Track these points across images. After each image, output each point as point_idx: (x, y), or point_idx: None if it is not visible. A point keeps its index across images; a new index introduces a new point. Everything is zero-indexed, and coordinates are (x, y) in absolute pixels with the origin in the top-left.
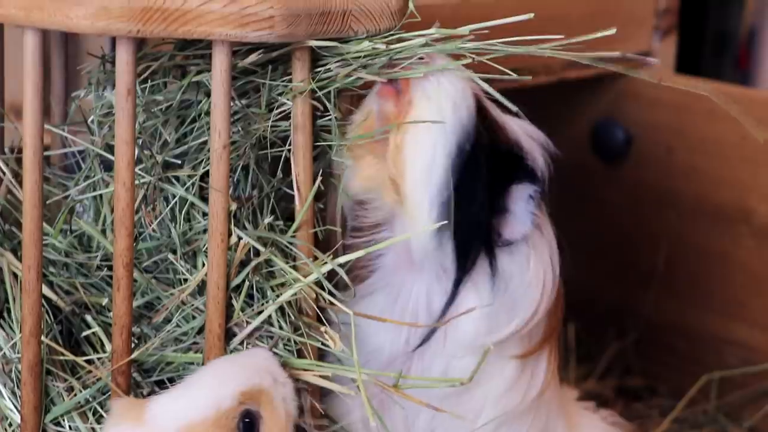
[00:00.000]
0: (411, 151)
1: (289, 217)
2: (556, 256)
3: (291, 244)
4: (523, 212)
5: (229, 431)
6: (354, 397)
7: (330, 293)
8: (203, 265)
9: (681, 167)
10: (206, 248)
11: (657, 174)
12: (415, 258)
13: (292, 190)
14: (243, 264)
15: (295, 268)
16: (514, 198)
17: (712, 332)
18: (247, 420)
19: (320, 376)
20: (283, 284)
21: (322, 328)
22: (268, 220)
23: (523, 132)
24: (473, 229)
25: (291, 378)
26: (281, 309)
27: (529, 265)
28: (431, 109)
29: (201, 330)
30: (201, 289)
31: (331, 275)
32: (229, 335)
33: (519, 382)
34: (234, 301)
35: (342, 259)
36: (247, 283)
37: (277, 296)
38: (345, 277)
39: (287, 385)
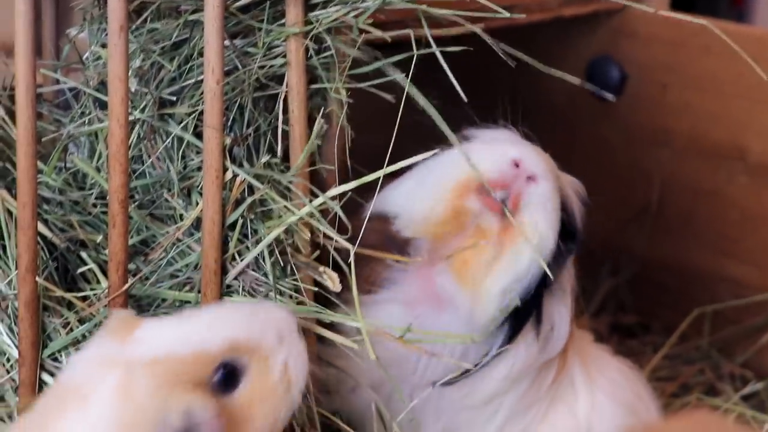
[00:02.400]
0: (503, 270)
1: (287, 156)
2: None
3: (288, 181)
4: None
5: (204, 375)
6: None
7: (328, 229)
8: (197, 203)
9: (675, 104)
10: (201, 186)
11: (651, 111)
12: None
13: (288, 127)
14: (239, 203)
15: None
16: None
17: (705, 269)
18: (228, 368)
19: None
20: (278, 225)
21: (321, 268)
22: (264, 159)
23: (572, 191)
24: (527, 317)
25: (303, 342)
26: (276, 252)
27: (563, 310)
28: (533, 238)
29: (196, 266)
30: (196, 226)
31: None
32: (224, 272)
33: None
34: (229, 239)
35: (333, 191)
36: (241, 220)
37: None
38: (340, 213)
39: (296, 350)
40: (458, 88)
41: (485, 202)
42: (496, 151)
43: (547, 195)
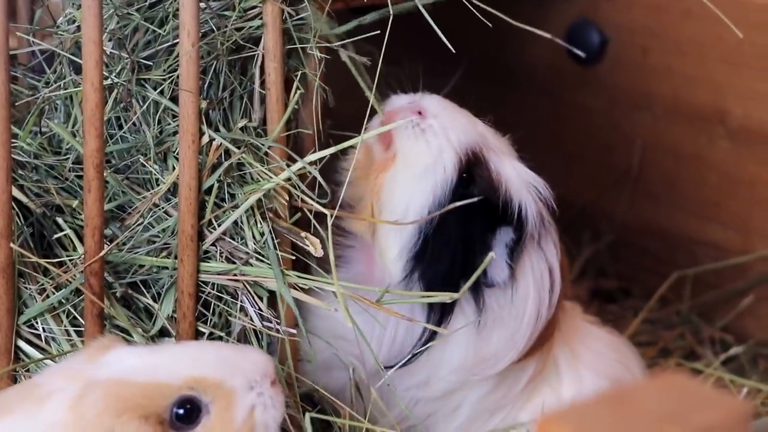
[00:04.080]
0: (386, 203)
1: (265, 120)
2: (547, 291)
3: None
4: (500, 258)
5: (161, 408)
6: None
7: (304, 193)
8: (174, 168)
9: (656, 68)
10: (178, 151)
11: (632, 76)
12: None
13: (265, 91)
14: (215, 168)
15: (268, 170)
16: (497, 244)
17: (686, 233)
18: (187, 406)
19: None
20: (256, 190)
21: (302, 234)
22: (241, 123)
23: (518, 180)
24: (440, 282)
25: (284, 397)
26: (255, 216)
27: (516, 304)
28: (410, 167)
29: (173, 232)
30: (173, 191)
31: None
32: (201, 238)
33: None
34: (206, 204)
35: (312, 157)
36: (217, 185)
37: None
38: (319, 177)
39: (267, 397)
40: (444, 39)
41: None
42: (403, 99)
43: (430, 127)
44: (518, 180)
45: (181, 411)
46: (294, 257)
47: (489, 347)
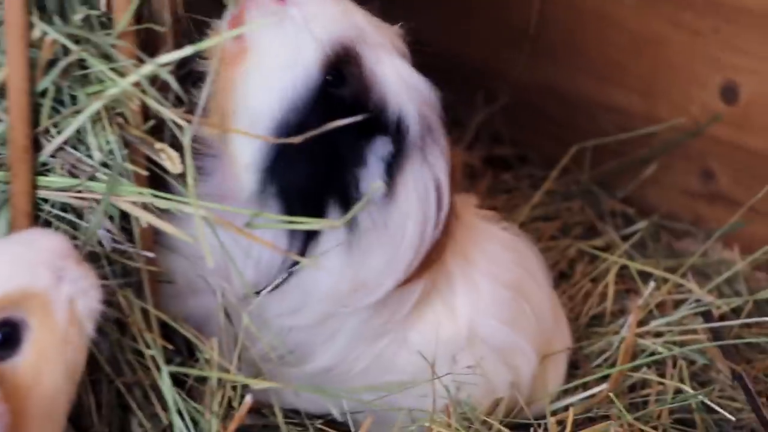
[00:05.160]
0: (236, 105)
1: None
2: (433, 209)
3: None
4: (376, 169)
5: None
6: None
7: (159, 102)
8: (2, 65)
9: None
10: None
11: None
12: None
13: None
14: (52, 65)
15: (114, 70)
16: (372, 154)
17: (587, 96)
18: (5, 330)
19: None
20: (100, 93)
21: (157, 145)
22: (80, 14)
23: (398, 83)
24: (300, 200)
25: (88, 270)
26: (103, 123)
27: (394, 224)
28: (264, 63)
29: (5, 141)
30: (2, 92)
31: None
32: (39, 148)
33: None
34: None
35: (165, 58)
36: (53, 86)
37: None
38: (172, 83)
39: (79, 282)
40: None
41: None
42: None
43: (290, 17)
44: (399, 82)
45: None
46: (148, 173)
47: (365, 272)
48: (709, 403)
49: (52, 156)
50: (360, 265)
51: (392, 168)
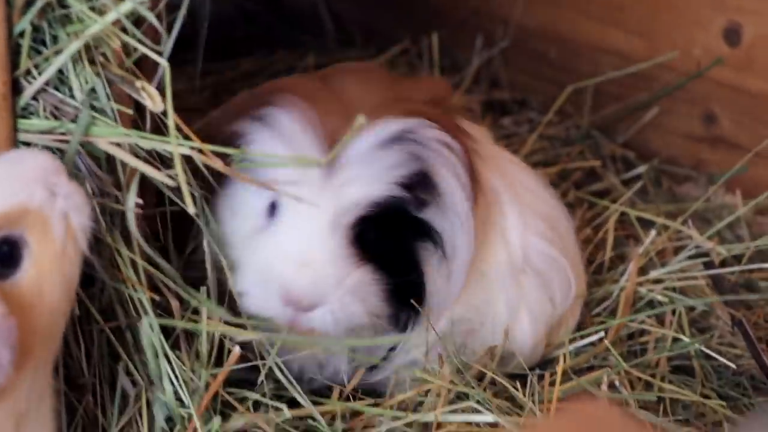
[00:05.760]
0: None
1: None
2: None
3: None
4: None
5: None
6: None
7: (140, 41)
8: None
9: None
10: None
11: None
12: None
13: None
14: (31, 5)
15: (93, 10)
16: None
17: (586, 39)
18: (5, 249)
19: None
20: (80, 32)
21: (138, 83)
22: None
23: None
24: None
25: (78, 186)
26: (83, 61)
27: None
28: None
29: None
30: None
31: None
32: (19, 91)
33: None
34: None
35: None
36: (29, 27)
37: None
38: (151, 18)
39: (72, 196)
40: None
41: None
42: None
43: None
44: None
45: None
46: (134, 114)
47: None
48: (707, 351)
49: (34, 99)
50: None
51: None
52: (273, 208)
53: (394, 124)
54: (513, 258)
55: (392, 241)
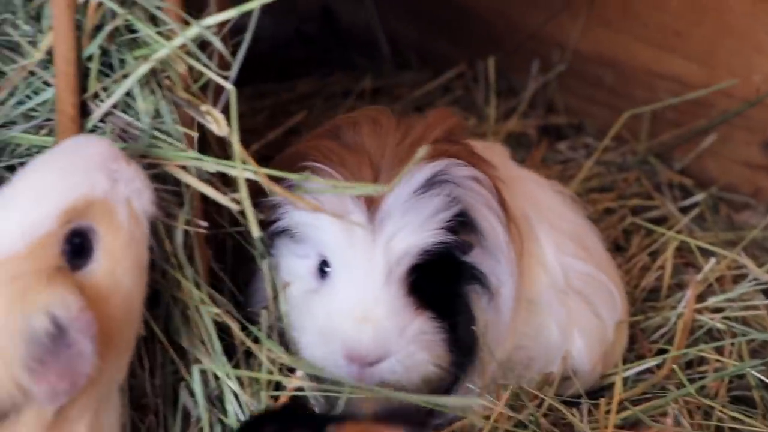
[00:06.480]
0: None
1: None
2: None
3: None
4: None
5: (53, 259)
6: None
7: (203, 64)
8: (50, 28)
9: None
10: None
11: None
12: None
13: None
14: (100, 29)
15: (160, 34)
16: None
17: (643, 65)
18: (76, 241)
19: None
20: (149, 55)
21: (203, 107)
22: None
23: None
24: None
25: (139, 169)
26: (150, 85)
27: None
28: None
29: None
30: (51, 56)
31: None
32: (87, 113)
33: None
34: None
35: (210, 20)
36: (98, 51)
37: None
38: (216, 43)
39: (133, 181)
40: None
41: None
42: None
43: None
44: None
45: (71, 251)
46: (197, 135)
47: None
48: (765, 379)
49: (102, 121)
50: None
51: None
52: (322, 270)
53: (426, 168)
54: (554, 280)
55: (443, 287)
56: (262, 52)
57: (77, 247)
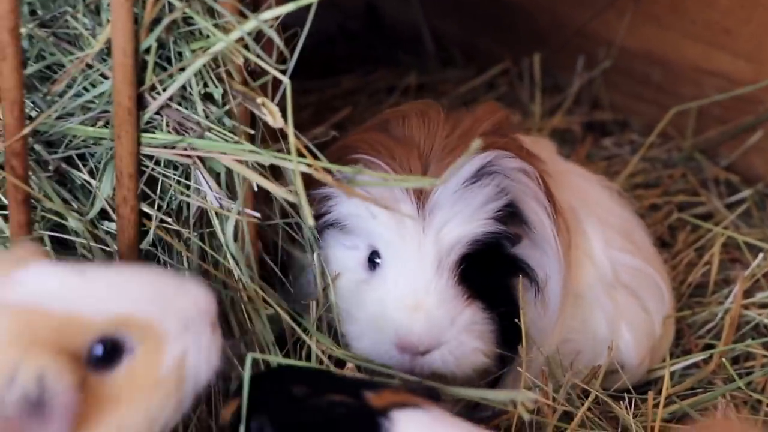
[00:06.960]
0: None
1: None
2: None
3: None
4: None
5: (79, 344)
6: None
7: (259, 56)
8: (108, 21)
9: None
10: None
11: None
12: None
13: None
14: (158, 22)
15: (216, 26)
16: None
17: (691, 62)
18: (106, 347)
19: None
20: (206, 48)
21: (259, 99)
22: None
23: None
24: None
25: (217, 333)
26: (205, 78)
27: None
28: None
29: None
30: (109, 50)
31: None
32: (143, 105)
33: None
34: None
35: (268, 14)
36: (155, 44)
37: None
38: (274, 37)
39: (203, 343)
40: None
41: None
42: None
43: None
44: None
45: (99, 351)
46: (253, 131)
47: None
48: None
49: (158, 113)
50: None
51: None
52: (372, 261)
53: (476, 159)
54: (602, 274)
55: (492, 279)
56: (306, 48)
57: (105, 352)
